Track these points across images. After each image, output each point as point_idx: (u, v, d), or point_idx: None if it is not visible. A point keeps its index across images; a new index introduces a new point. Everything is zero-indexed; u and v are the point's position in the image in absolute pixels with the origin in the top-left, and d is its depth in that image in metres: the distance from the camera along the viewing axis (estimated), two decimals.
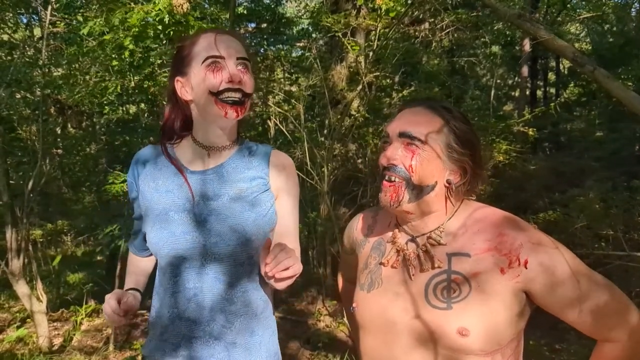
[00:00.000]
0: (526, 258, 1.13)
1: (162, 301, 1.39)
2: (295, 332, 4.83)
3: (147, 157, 1.46)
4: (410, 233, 1.28)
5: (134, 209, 1.52)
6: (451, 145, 1.19)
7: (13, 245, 4.29)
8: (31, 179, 4.58)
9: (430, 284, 1.19)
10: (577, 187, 6.39)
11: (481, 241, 1.18)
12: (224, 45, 1.33)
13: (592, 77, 3.67)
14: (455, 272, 1.17)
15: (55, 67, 5.52)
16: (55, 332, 4.83)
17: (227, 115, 1.33)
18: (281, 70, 8.03)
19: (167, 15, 3.97)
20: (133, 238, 1.59)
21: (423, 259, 1.22)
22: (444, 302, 1.16)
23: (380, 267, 1.31)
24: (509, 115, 12.18)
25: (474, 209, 1.26)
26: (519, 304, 1.15)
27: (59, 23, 5.54)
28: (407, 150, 1.19)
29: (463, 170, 1.21)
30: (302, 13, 10.80)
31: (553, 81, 15.83)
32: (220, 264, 1.34)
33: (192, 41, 1.37)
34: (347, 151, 6.20)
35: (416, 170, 1.18)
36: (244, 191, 1.38)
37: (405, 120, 1.23)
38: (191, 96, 1.37)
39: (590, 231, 4.20)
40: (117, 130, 7.22)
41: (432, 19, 7.33)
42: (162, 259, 1.37)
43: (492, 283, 1.14)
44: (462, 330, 1.11)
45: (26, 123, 5.62)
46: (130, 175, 1.47)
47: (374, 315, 1.27)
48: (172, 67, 1.43)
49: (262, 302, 1.44)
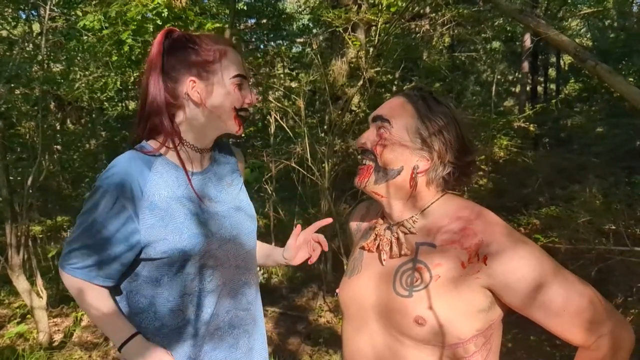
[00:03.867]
0: (485, 254, 1.11)
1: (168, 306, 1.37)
2: (296, 328, 4.82)
3: (142, 167, 1.33)
4: (389, 221, 1.30)
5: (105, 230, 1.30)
6: (419, 132, 1.19)
7: (13, 241, 4.27)
8: (31, 175, 4.56)
9: (399, 272, 1.21)
10: (578, 182, 6.37)
11: (448, 233, 1.18)
12: (245, 67, 1.44)
13: (593, 72, 3.65)
14: (420, 261, 1.18)
15: (55, 62, 5.50)
16: (55, 328, 4.82)
17: (239, 130, 1.44)
18: (281, 66, 8.02)
19: (165, 10, 3.95)
20: (99, 266, 1.33)
21: (394, 245, 1.24)
22: (406, 290, 1.17)
23: (363, 253, 1.33)
24: (509, 111, 12.17)
25: (455, 202, 1.25)
26: (481, 300, 1.13)
27: (58, 18, 5.52)
28: (377, 134, 1.24)
29: (435, 159, 1.20)
30: (302, 9, 10.77)
31: (553, 77, 15.81)
32: (220, 264, 1.41)
33: (220, 50, 1.39)
34: (348, 147, 6.18)
35: (381, 153, 1.22)
36: (231, 184, 1.53)
37: (381, 107, 1.28)
38: (204, 100, 1.36)
39: (592, 226, 4.19)
40: (117, 126, 7.22)
41: (433, 14, 7.31)
42: (162, 259, 1.33)
43: (452, 275, 1.13)
44: (419, 319, 1.12)
45: (25, 119, 5.60)
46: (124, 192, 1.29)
47: (349, 300, 1.31)
48: (176, 62, 1.36)
49: (256, 299, 1.56)
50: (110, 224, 1.29)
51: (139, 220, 1.30)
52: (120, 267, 1.33)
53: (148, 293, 1.35)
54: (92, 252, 1.31)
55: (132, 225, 1.29)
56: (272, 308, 5.20)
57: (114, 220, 1.29)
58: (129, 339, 1.32)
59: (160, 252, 1.31)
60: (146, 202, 1.30)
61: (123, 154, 1.37)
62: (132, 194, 1.29)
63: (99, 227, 1.29)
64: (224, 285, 1.42)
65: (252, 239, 1.53)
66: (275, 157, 5.99)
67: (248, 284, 1.50)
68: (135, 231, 1.30)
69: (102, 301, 1.35)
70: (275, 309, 5.20)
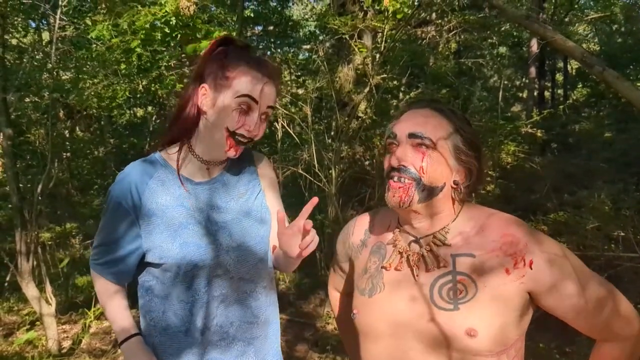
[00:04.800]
0: (531, 259, 1.13)
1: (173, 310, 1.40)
2: (304, 334, 4.81)
3: (144, 175, 1.40)
4: (414, 234, 1.27)
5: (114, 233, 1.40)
6: (459, 147, 1.20)
7: (22, 248, 4.30)
8: (40, 182, 4.59)
9: (435, 285, 1.19)
10: (586, 188, 6.34)
11: (486, 242, 1.18)
12: (265, 94, 1.36)
13: (601, 77, 3.64)
14: (461, 272, 1.17)
15: (64, 70, 5.55)
16: (64, 335, 4.83)
17: (228, 151, 1.39)
18: (288, 73, 8.04)
19: (173, 18, 3.98)
20: (111, 265, 1.43)
21: (428, 258, 1.22)
22: (450, 304, 1.15)
23: (382, 271, 1.29)
24: (516, 116, 12.13)
25: (479, 211, 1.26)
26: (523, 304, 1.15)
27: (68, 27, 5.57)
28: (417, 151, 1.19)
29: (468, 171, 1.22)
30: (308, 16, 10.81)
31: (561, 82, 15.77)
32: (229, 274, 1.41)
33: (240, 70, 1.34)
34: (355, 153, 6.19)
35: (427, 171, 1.18)
36: (244, 194, 1.49)
37: (413, 122, 1.22)
38: (207, 110, 1.37)
39: (601, 233, 4.17)
40: (125, 134, 7.27)
41: (439, 20, 7.32)
42: (172, 271, 1.37)
43: (497, 284, 1.14)
44: (470, 330, 1.11)
45: (35, 127, 5.64)
46: (126, 198, 1.37)
47: (377, 320, 1.25)
48: (206, 67, 1.38)
49: (270, 307, 1.54)
50: (115, 227, 1.39)
51: (140, 226, 1.37)
52: (127, 267, 1.42)
53: (159, 293, 1.41)
54: (105, 251, 1.43)
55: (135, 230, 1.38)
56: (280, 315, 5.17)
57: (119, 225, 1.38)
58: (128, 337, 1.42)
59: (157, 258, 1.37)
60: (144, 208, 1.37)
61: (133, 162, 1.45)
62: (132, 200, 1.37)
63: (107, 229, 1.41)
64: (226, 297, 1.41)
65: (261, 247, 1.48)
66: (282, 163, 6.00)
67: (254, 296, 1.47)
68: (138, 236, 1.38)
69: (113, 297, 1.47)
70: (283, 316, 5.19)
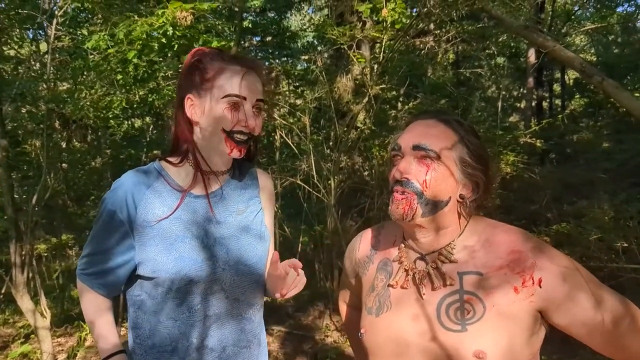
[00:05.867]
0: (540, 277, 1.08)
1: (162, 327, 1.35)
2: (302, 347, 4.75)
3: (140, 185, 1.36)
4: (419, 251, 1.23)
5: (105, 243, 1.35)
6: (465, 160, 1.16)
7: (17, 259, 4.25)
8: (36, 193, 4.56)
9: (443, 304, 1.14)
10: (586, 198, 6.32)
11: (493, 259, 1.14)
12: (248, 86, 1.33)
13: (600, 87, 3.63)
14: (468, 292, 1.13)
15: (61, 81, 5.53)
16: (59, 348, 4.77)
17: (231, 153, 1.36)
18: (287, 83, 8.04)
19: (170, 29, 3.96)
20: (100, 276, 1.38)
21: (434, 276, 1.17)
22: (457, 324, 1.11)
23: (389, 289, 1.25)
24: (514, 126, 12.15)
25: (485, 225, 1.22)
26: (534, 323, 1.10)
27: (64, 37, 5.55)
28: (421, 164, 1.16)
29: (475, 185, 1.18)
30: (306, 26, 10.85)
31: (558, 92, 15.82)
32: (225, 290, 1.36)
33: (218, 69, 1.33)
34: (354, 163, 6.16)
35: (430, 185, 1.14)
36: (243, 211, 1.44)
37: (418, 133, 1.18)
38: (199, 119, 1.35)
39: (604, 244, 4.14)
40: (122, 144, 7.23)
41: (438, 30, 7.34)
42: (166, 285, 1.32)
43: (506, 303, 1.09)
44: (479, 353, 1.06)
45: (31, 137, 5.62)
46: (121, 208, 1.32)
47: (385, 339, 1.21)
48: (185, 80, 1.37)
49: (261, 324, 1.49)
50: (108, 238, 1.34)
51: (134, 237, 1.33)
52: (117, 279, 1.37)
53: (147, 310, 1.36)
54: (94, 262, 1.38)
55: (128, 241, 1.33)
56: (278, 327, 5.13)
57: (111, 235, 1.34)
58: (112, 354, 1.37)
59: (150, 271, 1.32)
60: (139, 219, 1.32)
61: (128, 171, 1.41)
62: (127, 210, 1.32)
63: (99, 239, 1.36)
64: (220, 317, 1.36)
65: (259, 265, 1.43)
66: (280, 174, 5.97)
67: (248, 318, 1.42)
68: (131, 247, 1.33)
69: (102, 313, 1.42)
70: (281, 328, 5.13)
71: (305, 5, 10.98)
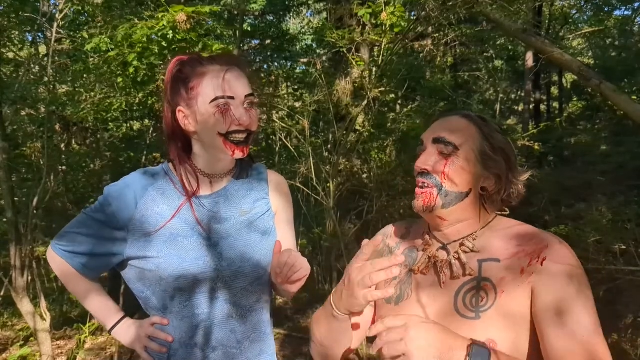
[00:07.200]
0: (545, 257, 1.10)
1: (170, 325, 1.37)
2: (302, 350, 4.76)
3: (144, 182, 1.39)
4: (442, 241, 1.25)
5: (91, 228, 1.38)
6: (486, 153, 1.18)
7: (17, 262, 4.25)
8: (36, 196, 4.56)
9: (461, 292, 1.16)
10: (584, 201, 6.33)
11: (512, 247, 1.16)
12: (233, 84, 1.32)
13: (598, 91, 3.65)
14: (485, 278, 1.15)
15: (61, 84, 5.53)
16: (58, 351, 4.77)
17: (234, 155, 1.36)
18: (285, 86, 8.06)
19: (170, 32, 3.97)
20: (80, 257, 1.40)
21: (456, 266, 1.19)
22: (472, 312, 1.13)
23: (411, 277, 1.27)
24: (512, 129, 12.18)
25: (506, 221, 1.24)
26: (529, 305, 1.10)
27: (65, 40, 5.56)
28: (441, 156, 1.18)
29: (497, 178, 1.19)
30: (305, 30, 10.87)
31: (556, 95, 15.85)
32: (230, 288, 1.37)
33: (199, 74, 1.33)
34: (353, 166, 6.17)
35: (449, 177, 1.17)
36: (248, 212, 1.44)
37: (439, 127, 1.22)
38: (195, 129, 1.35)
39: (602, 246, 4.15)
40: (122, 147, 7.23)
41: (436, 34, 7.36)
42: (170, 283, 1.33)
43: (513, 286, 1.11)
44: (490, 342, 1.07)
45: (31, 140, 5.61)
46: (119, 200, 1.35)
47: None
48: (172, 93, 1.37)
49: (268, 322, 1.49)
50: (100, 224, 1.36)
51: (129, 231, 1.34)
52: (100, 265, 1.41)
53: (156, 305, 1.39)
54: (80, 242, 1.38)
55: (120, 233, 1.35)
56: (277, 329, 5.14)
57: (105, 223, 1.36)
58: (117, 322, 1.44)
59: (154, 268, 1.33)
60: (138, 214, 1.34)
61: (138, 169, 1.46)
62: (126, 203, 1.35)
63: (91, 223, 1.38)
64: (227, 312, 1.37)
65: (264, 260, 1.42)
66: None
67: (256, 311, 1.43)
68: (122, 239, 1.35)
69: (90, 286, 1.45)
70: (280, 331, 5.14)
71: (304, 9, 11.00)
